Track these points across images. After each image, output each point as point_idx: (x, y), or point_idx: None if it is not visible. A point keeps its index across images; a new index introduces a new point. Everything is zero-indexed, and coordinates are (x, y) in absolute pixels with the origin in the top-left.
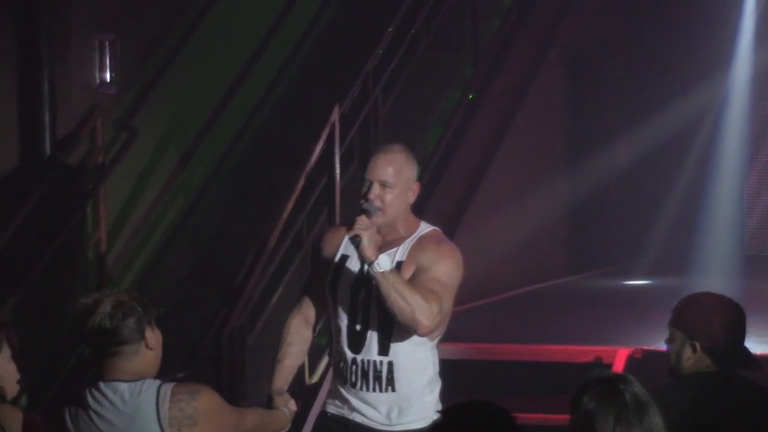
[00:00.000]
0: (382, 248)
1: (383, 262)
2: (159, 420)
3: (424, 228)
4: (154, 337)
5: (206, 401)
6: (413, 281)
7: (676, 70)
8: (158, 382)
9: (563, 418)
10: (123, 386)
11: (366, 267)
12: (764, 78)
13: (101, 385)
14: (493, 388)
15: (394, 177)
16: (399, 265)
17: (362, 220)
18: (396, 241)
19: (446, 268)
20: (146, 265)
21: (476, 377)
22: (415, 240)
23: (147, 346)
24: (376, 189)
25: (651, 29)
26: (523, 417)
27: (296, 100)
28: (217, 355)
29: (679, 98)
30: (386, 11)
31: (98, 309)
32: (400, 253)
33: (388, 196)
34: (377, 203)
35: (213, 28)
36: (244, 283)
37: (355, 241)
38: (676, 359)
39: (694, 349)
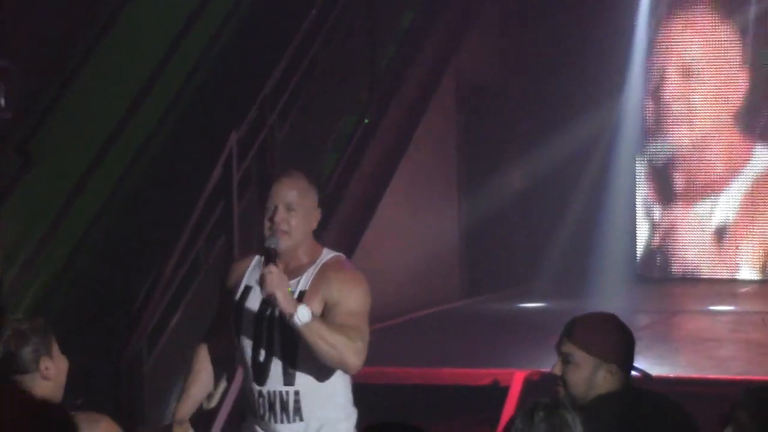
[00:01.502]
0: (285, 274)
1: (303, 314)
2: None
3: (326, 254)
4: (53, 366)
5: (110, 427)
6: (328, 319)
7: (571, 96)
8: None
9: None
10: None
11: (274, 308)
12: (653, 105)
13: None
14: (393, 411)
15: (298, 200)
16: (302, 295)
17: (271, 276)
18: (298, 269)
19: (356, 297)
20: (43, 290)
21: (375, 400)
22: (318, 268)
23: (42, 377)
24: (281, 212)
25: (545, 56)
26: None
27: (194, 123)
28: (115, 381)
29: (573, 123)
30: (284, 35)
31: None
32: (303, 282)
33: (293, 220)
34: (283, 226)
35: (109, 52)
36: (142, 307)
37: (271, 301)
38: (587, 386)
39: (610, 372)
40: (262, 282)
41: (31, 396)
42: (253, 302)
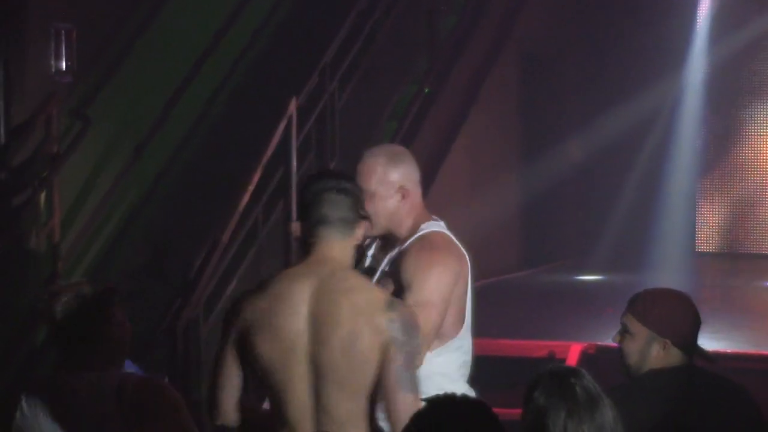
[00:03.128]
0: (384, 250)
1: None
2: (117, 408)
3: (423, 230)
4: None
5: (175, 399)
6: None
7: (631, 69)
8: (124, 373)
9: (516, 412)
10: (91, 375)
11: None
12: (717, 79)
13: (65, 373)
14: None
15: (373, 184)
16: (382, 274)
17: None
18: (393, 245)
19: (428, 285)
20: (99, 256)
21: None
22: (405, 246)
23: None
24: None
25: (606, 28)
26: None
27: (253, 91)
28: (171, 347)
29: (633, 96)
30: (345, 4)
31: (66, 298)
32: (386, 262)
33: (371, 207)
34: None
35: (169, 18)
36: (198, 275)
37: None
38: (640, 357)
39: (664, 347)
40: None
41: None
42: None
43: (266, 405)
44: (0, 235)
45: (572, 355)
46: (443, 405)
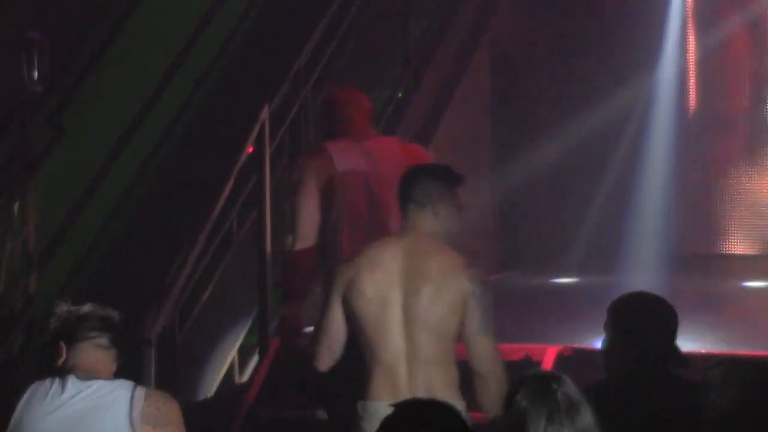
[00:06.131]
0: None
1: None
2: (131, 412)
3: None
4: None
5: (176, 407)
6: None
7: (606, 67)
8: (131, 383)
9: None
10: (99, 382)
11: None
12: (689, 77)
13: (70, 377)
14: None
15: None
16: None
17: None
18: None
19: None
20: (74, 263)
21: None
22: None
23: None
24: None
25: (578, 28)
26: None
27: (227, 97)
28: (146, 355)
29: (607, 95)
30: (317, 8)
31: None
32: None
33: None
34: None
35: (141, 24)
36: (173, 281)
37: None
38: (618, 362)
39: (634, 350)
40: None
41: None
42: None
43: None
44: None
45: (548, 357)
46: (411, 409)
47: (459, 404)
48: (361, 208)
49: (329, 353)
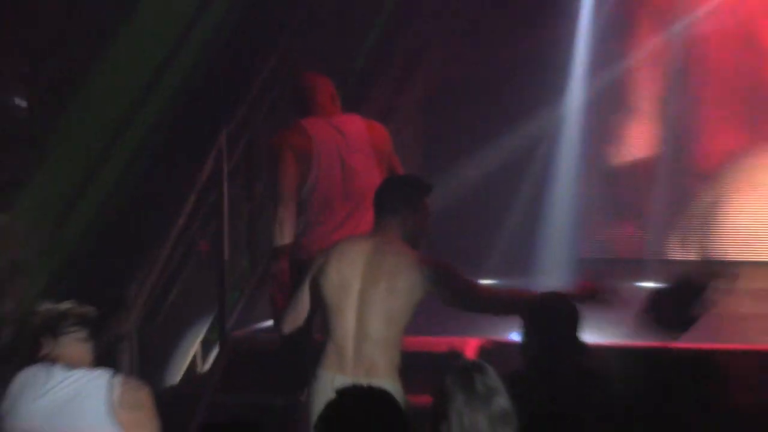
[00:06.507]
0: None
1: None
2: (110, 397)
3: None
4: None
5: (149, 394)
6: None
7: (519, 102)
8: (110, 371)
9: (421, 399)
10: (81, 371)
11: None
12: (593, 105)
13: (55, 367)
14: None
15: None
16: None
17: None
18: None
19: None
20: (58, 271)
21: None
22: None
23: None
24: None
25: (499, 63)
26: None
27: (190, 121)
28: (120, 348)
29: (523, 122)
30: (269, 46)
31: (67, 306)
32: None
33: None
34: None
35: (115, 58)
36: (144, 282)
37: None
38: (532, 355)
39: (545, 342)
40: None
41: None
42: None
43: None
44: None
45: (470, 349)
46: (351, 394)
47: (396, 385)
48: (335, 172)
49: (293, 322)
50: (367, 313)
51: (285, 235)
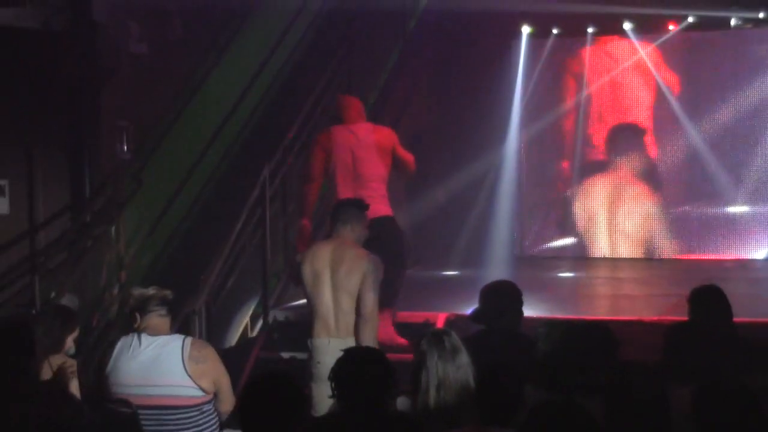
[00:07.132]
0: None
1: None
2: (182, 355)
3: None
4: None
5: (212, 350)
6: None
7: (474, 141)
8: (183, 336)
9: (407, 356)
10: (162, 337)
11: None
12: (526, 146)
13: (143, 335)
14: None
15: None
16: None
17: None
18: None
19: None
20: (150, 265)
21: None
22: None
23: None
24: None
25: (461, 111)
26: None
27: (244, 159)
28: (193, 320)
29: (476, 158)
30: (300, 101)
31: (151, 291)
32: None
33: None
34: None
35: (193, 112)
36: (210, 273)
37: None
38: (484, 321)
39: (495, 315)
40: None
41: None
42: None
43: None
44: (85, 252)
45: (440, 321)
46: (352, 352)
47: (353, 338)
48: (348, 162)
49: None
50: (338, 293)
51: (307, 203)
